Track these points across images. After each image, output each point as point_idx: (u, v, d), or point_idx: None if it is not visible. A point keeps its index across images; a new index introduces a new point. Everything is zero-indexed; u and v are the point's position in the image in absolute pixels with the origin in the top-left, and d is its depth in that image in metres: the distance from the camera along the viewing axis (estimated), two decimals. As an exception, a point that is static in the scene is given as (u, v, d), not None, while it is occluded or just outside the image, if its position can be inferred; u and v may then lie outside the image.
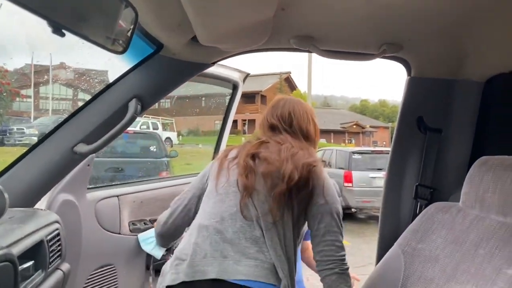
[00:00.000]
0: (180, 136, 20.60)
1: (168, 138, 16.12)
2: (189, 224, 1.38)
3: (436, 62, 1.54)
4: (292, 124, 1.39)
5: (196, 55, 1.39)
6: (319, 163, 1.31)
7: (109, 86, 1.41)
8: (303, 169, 1.25)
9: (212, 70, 1.97)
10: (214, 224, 1.25)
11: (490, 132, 1.58)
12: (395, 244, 1.47)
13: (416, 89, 1.61)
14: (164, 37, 1.29)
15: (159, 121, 16.47)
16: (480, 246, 1.22)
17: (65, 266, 1.41)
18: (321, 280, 1.34)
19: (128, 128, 1.38)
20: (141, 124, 13.89)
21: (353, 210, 8.46)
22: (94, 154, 1.75)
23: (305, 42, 1.38)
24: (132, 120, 1.37)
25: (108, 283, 1.95)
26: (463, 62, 1.52)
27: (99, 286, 1.90)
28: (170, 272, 1.24)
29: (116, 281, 1.97)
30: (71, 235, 1.64)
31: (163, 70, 1.40)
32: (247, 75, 2.44)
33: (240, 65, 2.28)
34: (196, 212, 1.38)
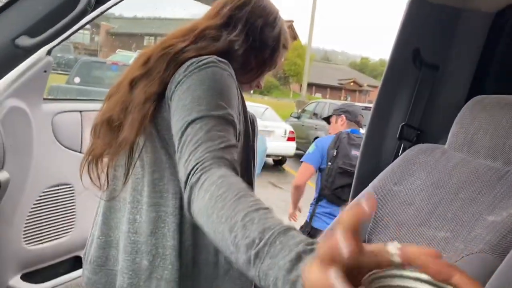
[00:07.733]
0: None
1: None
2: None
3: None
4: None
5: None
6: None
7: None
8: None
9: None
10: None
11: (492, 71, 1.41)
12: (369, 185, 1.35)
13: (416, 15, 1.41)
14: None
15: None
16: (462, 189, 1.09)
17: (3, 175, 1.27)
18: None
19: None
20: (134, 58, 13.40)
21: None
22: (51, 59, 1.56)
23: None
24: (83, 13, 1.17)
25: (65, 202, 1.82)
26: (474, -13, 1.32)
27: (53, 204, 1.77)
28: None
29: (74, 202, 1.84)
30: (19, 145, 1.50)
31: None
32: None
33: None
34: None
